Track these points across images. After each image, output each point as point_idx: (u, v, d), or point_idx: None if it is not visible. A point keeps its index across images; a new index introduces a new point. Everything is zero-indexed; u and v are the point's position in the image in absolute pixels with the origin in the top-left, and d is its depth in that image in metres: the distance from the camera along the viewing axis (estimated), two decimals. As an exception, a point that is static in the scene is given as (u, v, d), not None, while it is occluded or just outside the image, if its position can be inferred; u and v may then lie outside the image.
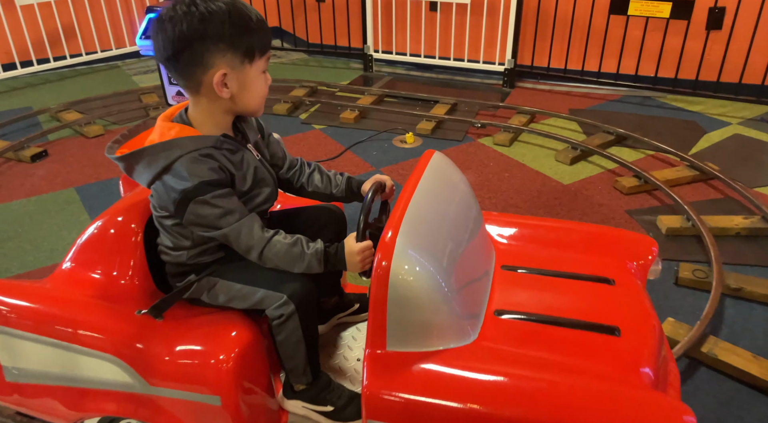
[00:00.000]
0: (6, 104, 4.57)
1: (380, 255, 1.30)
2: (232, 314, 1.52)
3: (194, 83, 1.38)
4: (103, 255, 1.60)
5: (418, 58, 5.09)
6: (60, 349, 1.55)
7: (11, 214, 3.19)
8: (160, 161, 1.37)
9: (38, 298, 1.59)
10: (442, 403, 1.27)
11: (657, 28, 4.34)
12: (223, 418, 1.45)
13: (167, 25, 1.32)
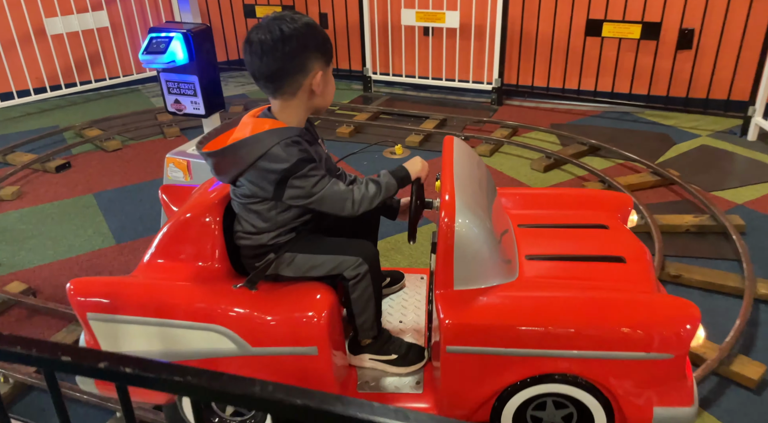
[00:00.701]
0: (36, 123, 4.96)
1: (444, 212, 1.61)
2: (309, 283, 1.75)
3: (294, 88, 1.62)
4: (189, 244, 1.76)
5: (413, 78, 5.40)
6: (165, 327, 1.66)
7: (35, 216, 3.52)
8: (258, 149, 1.58)
9: (142, 285, 1.72)
10: (507, 323, 1.59)
11: (629, 48, 4.60)
12: (319, 365, 1.68)
13: (278, 43, 1.57)
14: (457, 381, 1.67)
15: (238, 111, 4.95)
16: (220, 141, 1.69)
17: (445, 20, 4.99)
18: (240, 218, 1.76)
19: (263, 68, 1.60)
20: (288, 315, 1.65)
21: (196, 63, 2.38)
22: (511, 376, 1.64)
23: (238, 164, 1.62)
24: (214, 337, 1.65)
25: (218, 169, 1.69)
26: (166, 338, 1.67)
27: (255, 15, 5.55)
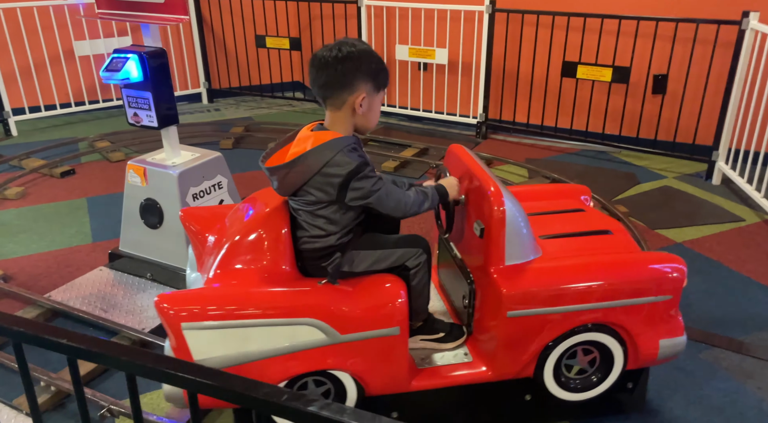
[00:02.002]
0: (59, 134, 5.35)
1: (493, 200, 1.89)
2: (376, 275, 1.93)
3: (339, 102, 1.80)
4: (264, 252, 1.87)
5: (407, 110, 5.60)
6: (259, 327, 1.76)
7: (31, 214, 3.82)
8: (323, 158, 1.74)
9: (235, 291, 1.82)
10: (554, 286, 1.92)
11: (602, 90, 4.68)
12: (399, 343, 1.89)
13: (332, 61, 1.76)
14: (513, 343, 1.96)
15: (239, 131, 5.22)
16: (281, 155, 1.85)
17: (435, 57, 5.19)
18: (305, 225, 1.88)
19: (318, 79, 1.80)
20: (374, 301, 1.85)
21: (150, 81, 2.62)
22: (556, 331, 1.96)
23: (305, 173, 1.77)
24: (307, 330, 1.78)
25: (284, 181, 1.81)
26: (260, 337, 1.76)
27: (265, 45, 5.88)
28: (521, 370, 2.02)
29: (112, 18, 2.73)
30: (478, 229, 1.96)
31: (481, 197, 1.95)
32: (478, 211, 1.99)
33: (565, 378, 2.09)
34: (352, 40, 1.82)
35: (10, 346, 2.53)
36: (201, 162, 2.90)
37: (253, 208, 2.03)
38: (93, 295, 2.88)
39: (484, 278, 1.98)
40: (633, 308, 1.97)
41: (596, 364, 2.10)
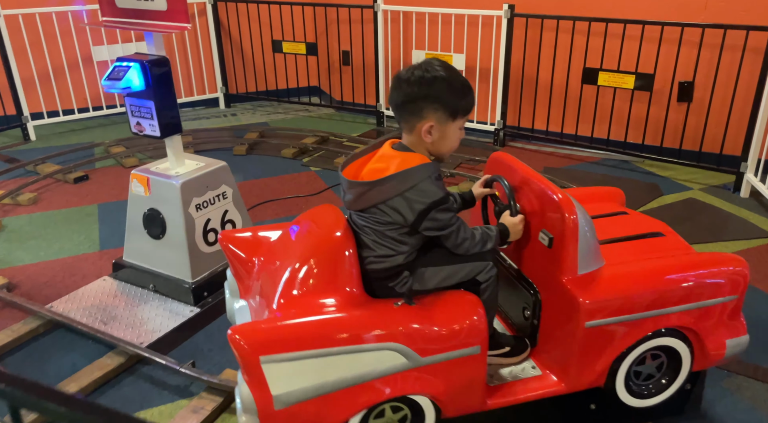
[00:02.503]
0: (76, 139, 5.37)
1: (564, 208, 1.83)
2: (449, 291, 1.87)
3: (410, 126, 1.77)
4: (333, 276, 1.78)
5: (422, 116, 5.48)
6: (339, 355, 1.66)
7: (42, 220, 3.81)
8: (409, 181, 1.70)
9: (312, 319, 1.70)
10: (629, 294, 1.88)
11: (624, 97, 4.50)
12: (479, 363, 1.82)
13: (403, 84, 1.75)
14: (590, 353, 1.91)
15: (254, 137, 5.16)
16: (358, 168, 1.83)
17: (452, 62, 5.06)
18: (371, 244, 1.80)
19: (393, 99, 1.79)
20: (453, 320, 1.77)
21: (152, 90, 2.55)
22: (632, 338, 1.93)
23: (387, 193, 1.72)
24: (388, 355, 1.70)
25: (362, 197, 1.75)
26: (340, 366, 1.67)
27: (282, 50, 5.82)
28: (594, 381, 1.98)
29: (116, 26, 2.68)
30: (546, 239, 1.90)
31: (547, 206, 1.89)
32: (543, 220, 1.92)
33: (635, 384, 2.07)
34: (436, 63, 1.76)
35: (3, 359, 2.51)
36: (205, 172, 2.83)
37: (308, 229, 1.92)
38: (94, 307, 2.83)
39: (553, 289, 1.92)
40: (704, 310, 1.96)
41: (663, 368, 2.08)
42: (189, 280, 2.80)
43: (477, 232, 1.86)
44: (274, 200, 4.04)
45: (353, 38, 5.74)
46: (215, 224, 2.89)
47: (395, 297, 1.82)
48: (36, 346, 2.63)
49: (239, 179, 4.37)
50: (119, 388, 2.39)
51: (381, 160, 1.79)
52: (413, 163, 1.72)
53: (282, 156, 4.85)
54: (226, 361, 2.51)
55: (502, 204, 2.07)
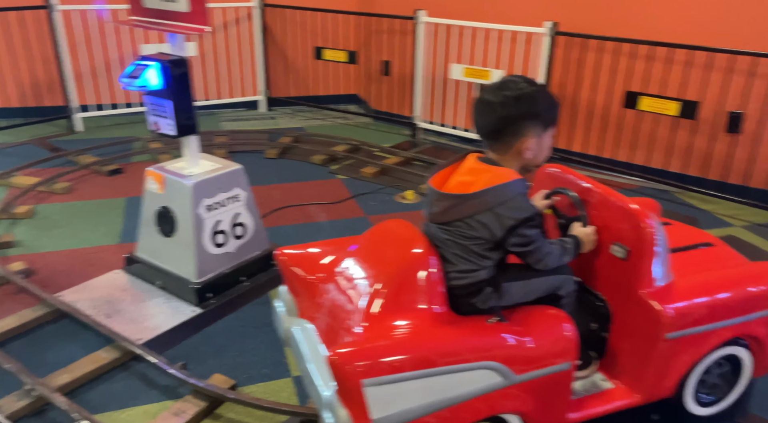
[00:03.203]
0: (118, 132, 5.50)
1: (641, 220, 1.83)
2: (535, 306, 1.85)
3: (506, 147, 1.75)
4: (418, 293, 1.73)
5: (457, 130, 5.38)
6: (438, 376, 1.63)
7: (72, 210, 3.90)
8: (502, 197, 1.68)
9: (412, 340, 1.67)
10: (707, 304, 1.93)
11: (666, 124, 4.28)
12: (567, 379, 1.81)
13: (497, 107, 1.70)
14: (667, 364, 1.93)
15: (287, 142, 5.17)
16: (443, 178, 1.81)
17: (489, 78, 4.94)
18: (453, 258, 1.77)
19: (483, 126, 1.76)
20: (545, 337, 1.75)
21: (170, 89, 2.56)
22: (706, 347, 1.97)
23: (478, 207, 1.69)
24: (484, 374, 1.68)
25: (450, 210, 1.74)
26: (438, 387, 1.64)
27: (323, 57, 5.83)
28: (667, 391, 2.00)
29: (142, 25, 2.70)
30: (620, 252, 1.89)
31: (620, 218, 1.88)
32: (616, 232, 1.90)
33: (699, 393, 2.10)
34: (517, 80, 1.74)
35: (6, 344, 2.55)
36: (218, 174, 2.82)
37: (385, 245, 1.87)
38: (102, 299, 2.85)
39: (628, 301, 1.91)
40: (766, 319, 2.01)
41: (727, 377, 2.12)
42: (194, 280, 2.79)
43: (555, 246, 1.84)
44: (295, 206, 4.02)
45: (394, 49, 5.70)
46: (225, 226, 2.88)
47: (477, 313, 1.79)
48: (40, 334, 2.66)
49: (265, 182, 4.38)
50: (111, 383, 2.39)
51: (469, 174, 1.76)
52: (506, 178, 1.70)
53: (311, 162, 4.84)
54: (218, 366, 2.48)
55: (566, 216, 2.04)
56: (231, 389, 2.30)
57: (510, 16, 4.87)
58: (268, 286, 3.03)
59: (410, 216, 3.89)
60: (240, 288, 2.94)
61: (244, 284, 2.97)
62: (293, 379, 2.43)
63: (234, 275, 2.93)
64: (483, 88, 1.78)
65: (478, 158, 1.79)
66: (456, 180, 1.77)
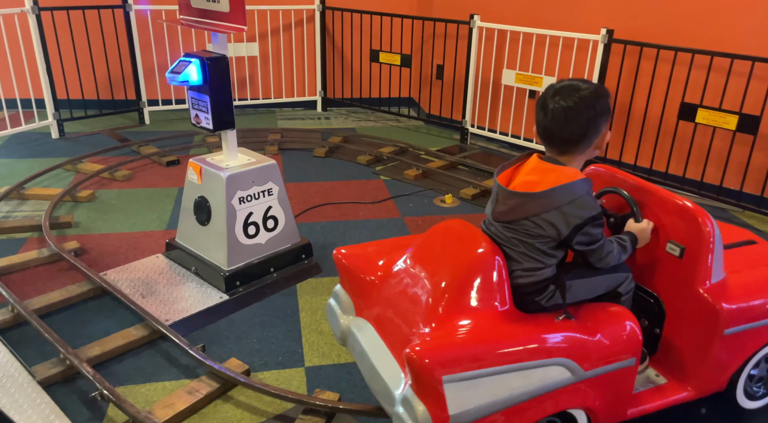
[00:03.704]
0: (183, 126, 5.78)
1: (699, 217, 1.87)
2: (598, 304, 1.90)
3: (584, 147, 1.78)
4: (486, 290, 1.77)
5: (507, 137, 5.30)
6: (512, 372, 1.66)
7: (129, 196, 4.14)
8: (569, 195, 1.71)
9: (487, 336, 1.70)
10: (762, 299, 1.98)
11: (724, 138, 4.05)
12: (631, 374, 1.86)
13: (571, 112, 1.71)
14: (724, 360, 1.97)
15: (336, 141, 5.27)
16: (507, 178, 1.85)
17: (542, 85, 4.85)
18: (518, 256, 1.80)
19: (564, 133, 1.75)
20: (612, 333, 1.80)
21: (208, 85, 2.69)
22: (759, 343, 2.01)
23: (545, 206, 1.72)
24: (555, 370, 1.71)
25: (518, 209, 1.76)
26: (512, 383, 1.67)
27: (378, 59, 5.90)
28: (720, 385, 2.03)
29: (190, 24, 2.85)
30: (676, 250, 1.93)
31: (676, 216, 1.92)
32: (670, 230, 1.95)
33: (749, 387, 2.15)
34: (575, 82, 1.76)
35: (51, 316, 2.75)
36: (253, 167, 2.92)
37: (448, 245, 1.89)
38: (140, 280, 3.02)
39: (683, 298, 1.95)
40: None
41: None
42: (224, 268, 2.91)
43: (614, 244, 1.87)
44: (333, 203, 4.09)
45: (447, 52, 5.69)
46: (257, 218, 2.98)
47: (540, 311, 1.82)
48: (82, 308, 2.85)
49: (309, 179, 4.49)
50: (137, 358, 2.53)
51: (534, 173, 1.78)
52: (572, 177, 1.72)
53: (357, 162, 4.91)
54: (236, 350, 2.58)
55: (616, 215, 2.08)
56: (244, 374, 2.38)
57: (565, 22, 4.77)
58: (295, 279, 3.11)
59: (440, 219, 3.89)
60: (267, 279, 3.04)
61: (272, 275, 3.06)
62: (305, 369, 2.49)
63: (263, 266, 3.03)
64: (549, 95, 1.75)
65: (540, 157, 1.83)
66: (521, 179, 1.80)
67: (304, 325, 2.78)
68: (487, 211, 1.92)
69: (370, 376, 1.93)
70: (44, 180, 4.30)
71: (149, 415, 2.13)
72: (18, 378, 2.32)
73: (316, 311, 2.88)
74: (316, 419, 2.17)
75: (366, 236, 3.64)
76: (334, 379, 2.43)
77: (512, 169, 1.86)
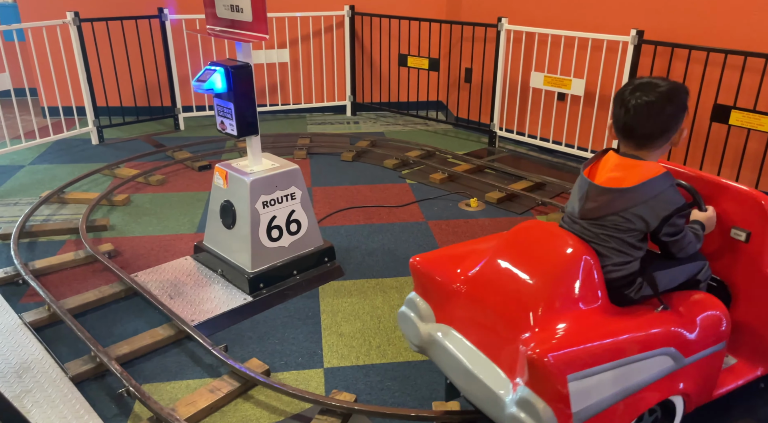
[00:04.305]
0: (216, 132, 5.93)
1: (761, 199, 1.98)
2: (684, 292, 1.97)
3: (663, 142, 1.84)
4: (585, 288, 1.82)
5: (535, 140, 5.26)
6: (625, 366, 1.72)
7: (162, 200, 4.28)
8: (657, 189, 1.77)
9: (602, 332, 1.74)
10: None
11: (760, 141, 3.92)
12: (719, 359, 1.95)
13: (655, 107, 1.77)
14: None
15: (364, 145, 5.32)
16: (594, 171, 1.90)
17: (570, 87, 4.80)
18: (608, 252, 1.86)
19: (646, 128, 1.80)
20: (707, 320, 1.88)
21: (232, 92, 2.77)
22: None
23: (634, 200, 1.78)
24: (662, 359, 1.79)
25: (609, 204, 1.81)
26: (624, 377, 1.73)
27: (407, 64, 5.93)
28: None
29: (215, 34, 2.94)
30: (741, 235, 2.02)
31: (738, 202, 2.00)
32: (734, 216, 2.03)
33: None
34: (656, 80, 1.81)
35: (84, 315, 2.87)
36: (276, 172, 2.99)
37: (536, 246, 1.92)
38: (169, 281, 3.12)
39: (752, 282, 2.04)
40: None
41: None
42: (249, 270, 2.98)
43: (690, 234, 1.93)
44: (358, 207, 4.14)
45: (476, 56, 5.68)
46: (280, 222, 3.05)
47: (630, 303, 1.90)
48: (114, 308, 2.97)
49: (336, 183, 4.55)
50: (164, 357, 2.62)
51: (617, 169, 1.83)
52: (657, 172, 1.79)
53: (383, 166, 4.94)
54: (258, 351, 2.64)
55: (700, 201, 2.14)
56: (264, 374, 2.44)
57: (594, 23, 4.70)
58: (317, 282, 3.16)
59: (471, 223, 3.89)
60: (291, 281, 3.10)
61: (295, 278, 3.12)
62: (324, 370, 2.53)
63: (286, 269, 3.09)
64: (626, 93, 1.81)
65: (618, 154, 1.87)
66: (606, 176, 1.83)
67: (324, 326, 2.82)
68: (569, 209, 1.96)
69: (464, 382, 1.92)
70: (83, 184, 4.48)
71: (172, 412, 2.21)
72: (51, 374, 2.44)
73: (337, 313, 2.93)
74: (332, 419, 2.21)
75: (390, 240, 3.67)
76: (352, 381, 2.47)
77: (592, 166, 1.91)
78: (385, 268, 3.34)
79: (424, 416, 2.21)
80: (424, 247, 3.57)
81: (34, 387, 2.36)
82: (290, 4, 6.05)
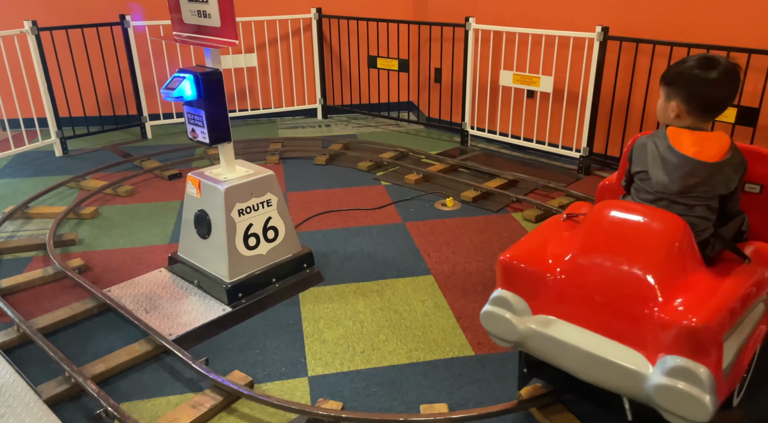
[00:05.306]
0: (184, 139, 5.82)
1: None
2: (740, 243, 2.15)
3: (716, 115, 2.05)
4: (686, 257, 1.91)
5: (507, 137, 5.29)
6: (747, 315, 1.93)
7: (131, 211, 4.17)
8: (735, 156, 2.00)
9: (727, 293, 1.84)
10: None
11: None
12: None
13: (732, 75, 1.98)
14: None
15: (337, 148, 5.28)
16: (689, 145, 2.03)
17: (539, 84, 4.84)
18: (695, 220, 2.02)
19: (731, 98, 2.02)
20: None
21: (203, 100, 2.70)
22: None
23: (721, 168, 1.98)
24: (761, 307, 2.03)
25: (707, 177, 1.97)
26: (745, 327, 1.94)
27: (376, 65, 5.91)
28: None
29: (182, 41, 2.87)
30: (756, 188, 2.21)
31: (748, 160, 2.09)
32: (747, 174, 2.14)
33: None
34: (709, 56, 2.00)
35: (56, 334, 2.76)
36: (251, 179, 2.93)
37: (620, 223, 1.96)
38: (144, 295, 3.04)
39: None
40: None
41: None
42: (226, 280, 2.92)
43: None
44: (334, 211, 4.10)
45: (445, 56, 5.69)
46: (257, 230, 2.99)
47: (708, 262, 2.01)
48: (87, 325, 2.87)
49: (310, 188, 4.50)
50: (141, 374, 2.54)
51: (697, 144, 1.97)
52: (727, 138, 1.99)
53: (357, 168, 4.91)
54: (240, 362, 2.58)
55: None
56: (247, 386, 2.39)
57: (560, 21, 4.76)
58: (297, 289, 3.11)
59: (449, 223, 3.88)
60: (270, 289, 3.04)
61: (274, 286, 3.07)
62: (308, 379, 2.49)
63: (264, 277, 3.03)
64: (697, 68, 1.96)
65: (685, 128, 2.00)
66: (691, 151, 1.96)
67: (306, 334, 2.78)
68: (656, 185, 2.03)
69: (586, 367, 1.91)
70: (48, 198, 4.34)
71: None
72: (24, 397, 2.34)
73: (319, 320, 2.89)
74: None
75: (368, 243, 3.64)
76: (337, 388, 2.43)
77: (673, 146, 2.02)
78: (365, 272, 3.31)
79: (413, 420, 2.19)
80: (403, 250, 3.55)
81: (7, 412, 2.25)
82: (256, 7, 5.97)
